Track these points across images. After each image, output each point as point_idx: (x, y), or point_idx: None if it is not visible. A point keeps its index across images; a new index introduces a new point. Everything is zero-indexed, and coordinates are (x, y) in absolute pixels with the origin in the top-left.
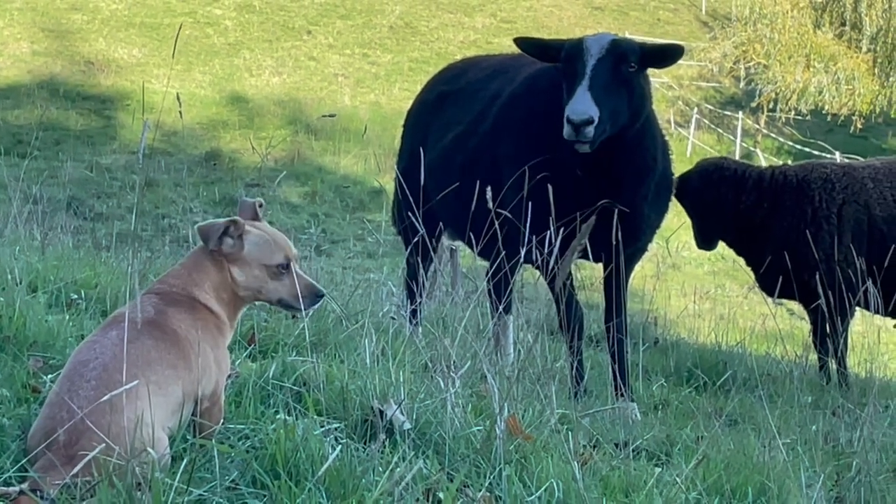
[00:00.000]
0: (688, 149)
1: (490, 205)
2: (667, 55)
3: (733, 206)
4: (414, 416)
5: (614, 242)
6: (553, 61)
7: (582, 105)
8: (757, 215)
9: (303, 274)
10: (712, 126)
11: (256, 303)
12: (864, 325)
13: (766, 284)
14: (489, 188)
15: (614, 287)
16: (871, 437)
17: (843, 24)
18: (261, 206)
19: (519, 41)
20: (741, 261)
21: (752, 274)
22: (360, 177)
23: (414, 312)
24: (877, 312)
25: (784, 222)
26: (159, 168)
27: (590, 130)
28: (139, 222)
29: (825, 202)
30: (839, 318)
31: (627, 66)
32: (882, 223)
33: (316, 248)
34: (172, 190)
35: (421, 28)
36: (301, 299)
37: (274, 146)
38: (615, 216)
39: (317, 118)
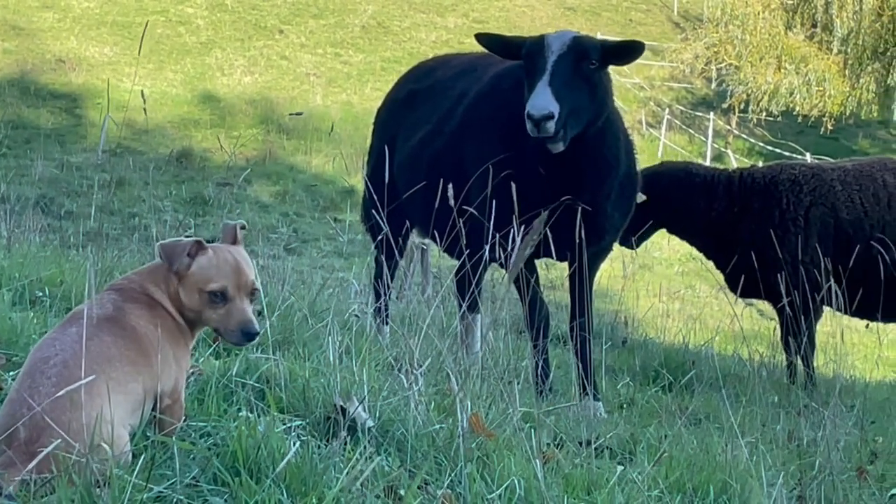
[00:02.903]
0: (659, 149)
1: (452, 202)
2: (628, 52)
3: (705, 214)
4: (377, 414)
5: (578, 241)
6: (515, 58)
7: (542, 100)
8: (727, 220)
9: (244, 310)
10: (684, 127)
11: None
12: (832, 326)
13: (736, 286)
14: (451, 185)
15: (579, 286)
16: (835, 437)
17: (815, 26)
18: (242, 228)
19: (480, 37)
20: (710, 263)
21: (721, 276)
22: (332, 176)
23: (381, 310)
24: (844, 312)
25: (752, 225)
26: (130, 166)
27: (550, 126)
28: (108, 221)
29: (792, 204)
30: (803, 318)
31: (588, 63)
32: (848, 226)
33: (287, 247)
34: (143, 189)
35: (393, 28)
36: (229, 332)
37: (244, 145)
38: (578, 215)
39: (286, 116)
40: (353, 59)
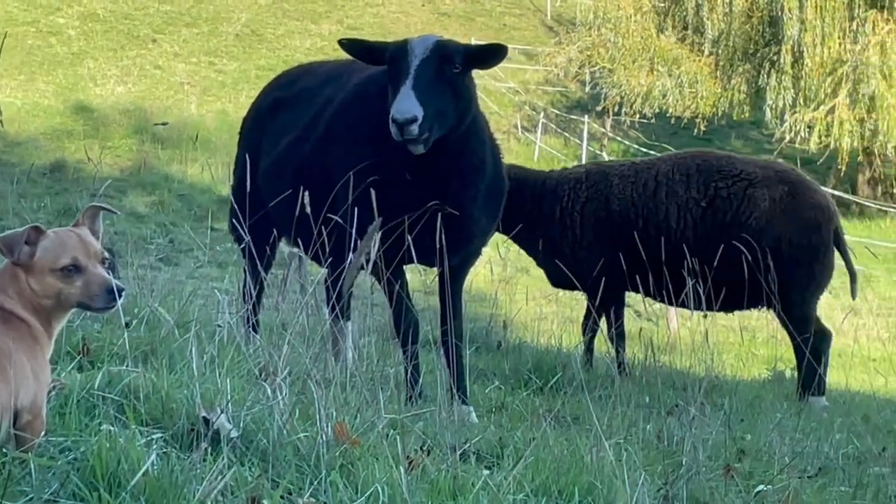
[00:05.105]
0: (535, 153)
1: (308, 210)
2: (490, 55)
3: (518, 217)
4: (241, 424)
5: (438, 246)
6: (379, 63)
7: (405, 104)
8: (531, 221)
9: (101, 272)
10: (559, 130)
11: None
12: (701, 324)
13: (553, 281)
14: (308, 193)
15: (447, 291)
16: (702, 436)
17: (686, 28)
18: (97, 211)
19: (343, 43)
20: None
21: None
22: (208, 185)
23: (248, 320)
24: (671, 303)
25: (543, 224)
26: (2, 179)
27: (413, 129)
28: None
29: (571, 201)
30: (602, 307)
31: (452, 67)
32: (617, 216)
33: (163, 258)
34: (16, 201)
35: (267, 35)
36: (94, 298)
37: (119, 155)
38: (439, 219)
39: (153, 125)
40: (227, 67)
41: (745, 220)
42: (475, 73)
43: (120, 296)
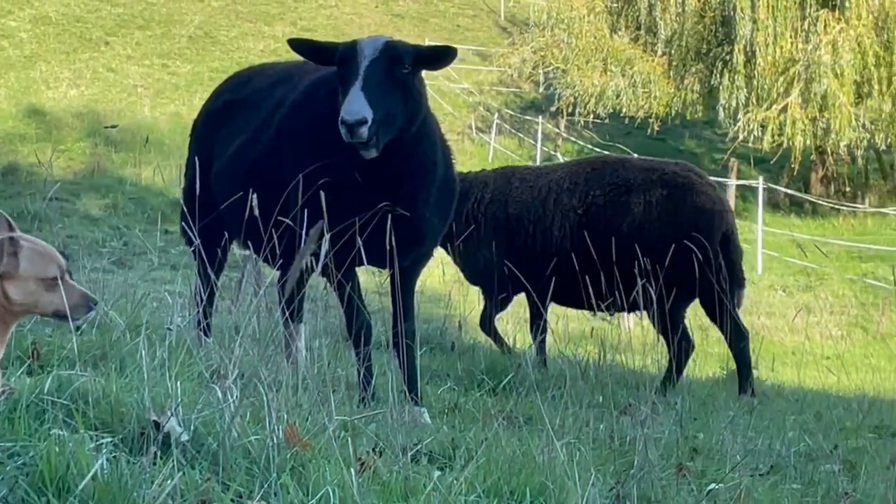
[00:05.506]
0: (490, 154)
1: (256, 212)
2: (440, 56)
3: None
4: (192, 428)
5: (389, 247)
6: (329, 64)
7: (355, 105)
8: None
9: (74, 284)
10: (513, 131)
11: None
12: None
13: (471, 281)
14: (255, 196)
15: (399, 292)
16: (653, 435)
17: (639, 29)
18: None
19: (293, 43)
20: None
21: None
22: (162, 188)
23: (199, 323)
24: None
25: (457, 222)
26: None
27: (363, 131)
28: None
29: (477, 202)
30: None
31: (401, 67)
32: (513, 220)
33: (118, 261)
34: None
35: (220, 37)
36: (76, 309)
37: (72, 158)
38: (389, 220)
39: (104, 127)
40: (180, 69)
41: (618, 228)
42: (428, 74)
43: (96, 306)
